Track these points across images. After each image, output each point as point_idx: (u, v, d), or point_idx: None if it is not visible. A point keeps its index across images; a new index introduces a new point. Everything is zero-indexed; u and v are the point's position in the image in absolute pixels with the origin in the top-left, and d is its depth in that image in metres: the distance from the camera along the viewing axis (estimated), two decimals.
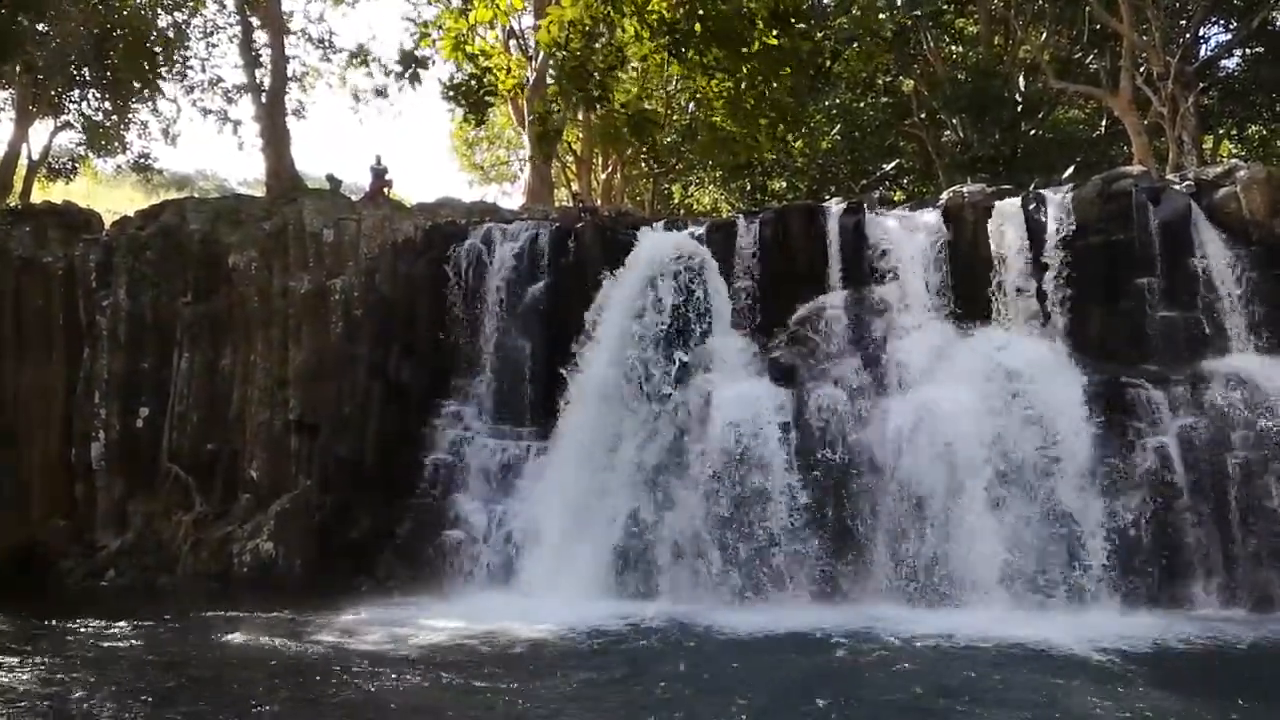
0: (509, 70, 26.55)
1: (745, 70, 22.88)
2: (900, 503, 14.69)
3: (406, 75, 19.28)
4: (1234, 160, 19.92)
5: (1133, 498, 14.29)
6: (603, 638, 12.85)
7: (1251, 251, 15.80)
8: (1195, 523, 14.17)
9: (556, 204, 29.73)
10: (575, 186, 36.97)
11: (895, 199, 21.53)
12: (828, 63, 31.00)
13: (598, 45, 22.62)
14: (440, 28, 25.55)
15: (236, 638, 12.98)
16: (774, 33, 21.46)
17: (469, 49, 22.40)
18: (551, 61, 26.04)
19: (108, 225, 21.44)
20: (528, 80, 27.70)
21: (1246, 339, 15.41)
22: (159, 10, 27.05)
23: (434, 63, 26.41)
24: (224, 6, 28.34)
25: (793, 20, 23.30)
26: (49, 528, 19.27)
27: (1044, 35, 31.34)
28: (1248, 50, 28.32)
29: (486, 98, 24.02)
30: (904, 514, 14.63)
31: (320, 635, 13.07)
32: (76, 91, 26.90)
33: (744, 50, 22.40)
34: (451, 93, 24.04)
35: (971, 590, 14.00)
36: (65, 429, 19.70)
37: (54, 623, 13.92)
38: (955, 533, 14.34)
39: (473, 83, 22.49)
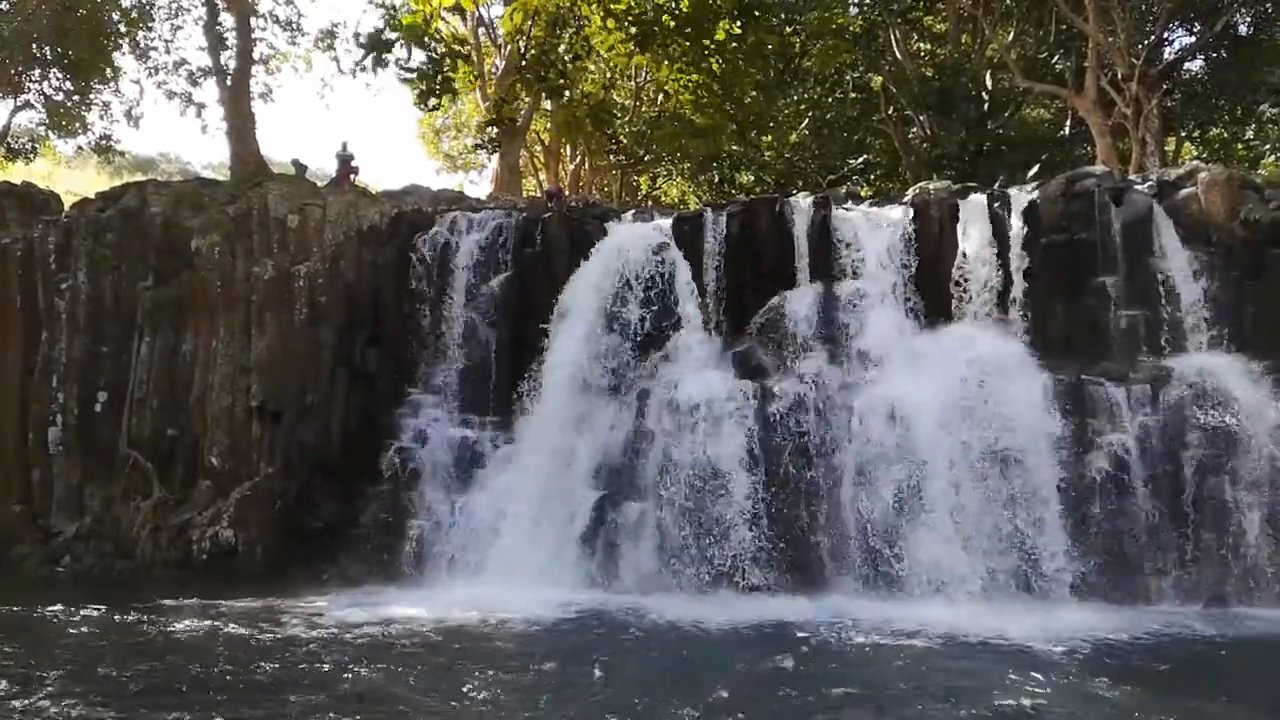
0: (469, 58, 26.43)
1: (711, 63, 22.97)
2: (862, 497, 14.79)
3: (369, 58, 19.21)
4: (1195, 162, 20.17)
5: (1091, 494, 14.45)
6: (565, 628, 12.87)
7: (1211, 252, 16.00)
8: (1152, 519, 14.36)
9: (524, 193, 29.70)
10: (543, 176, 36.89)
11: (862, 194, 21.59)
12: (797, 58, 31.17)
13: (563, 35, 22.65)
14: (408, 9, 25.45)
15: (195, 626, 12.86)
16: (739, 24, 21.54)
17: (429, 34, 22.31)
18: (514, 51, 26.05)
19: (67, 207, 21.16)
20: (496, 68, 27.64)
21: (1205, 339, 15.61)
22: None
23: (401, 46, 26.24)
24: None
25: (758, 14, 23.38)
26: (4, 513, 19.00)
27: (1011, 35, 31.60)
28: (1211, 54, 28.69)
29: (447, 84, 23.89)
30: (866, 508, 14.73)
31: (280, 624, 12.98)
32: (37, 70, 26.49)
33: (709, 43, 22.47)
34: (410, 76, 23.86)
35: (931, 584, 14.12)
36: (22, 413, 19.40)
37: (9, 609, 13.74)
38: (916, 527, 14.46)
39: (430, 69, 22.36)
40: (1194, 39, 28.45)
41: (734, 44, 23.86)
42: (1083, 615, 13.10)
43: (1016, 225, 16.51)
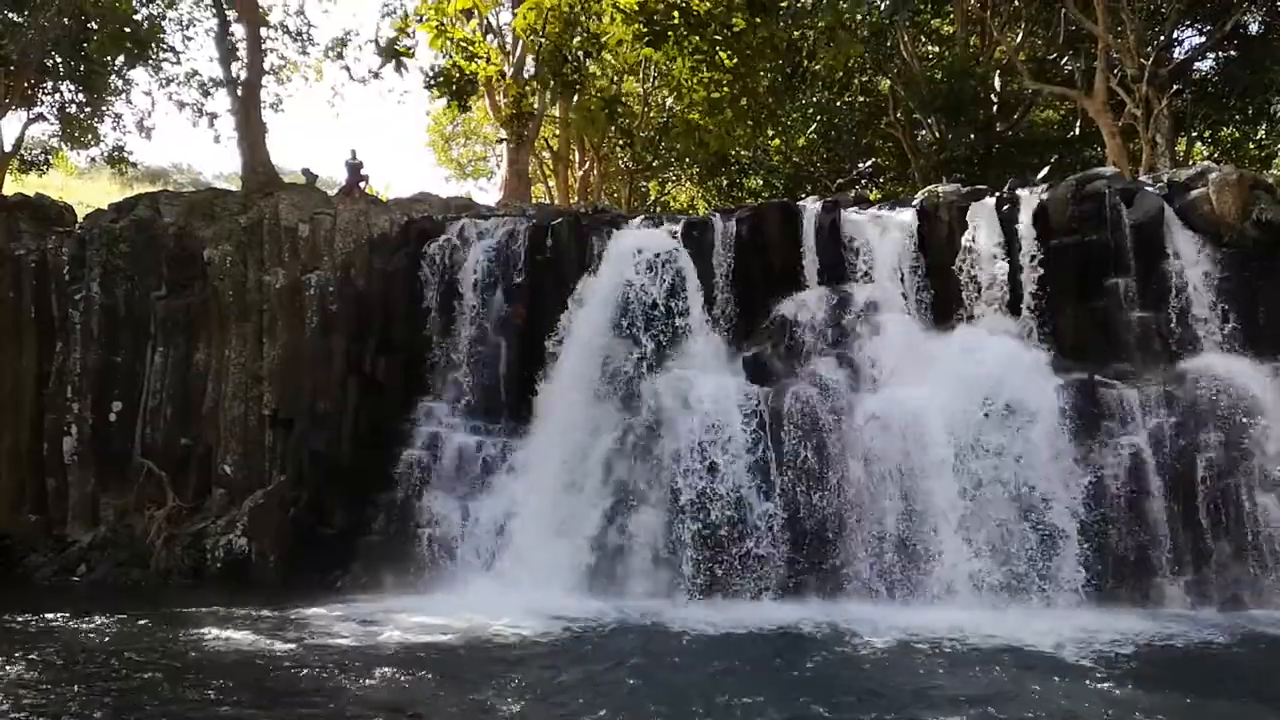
0: (489, 59, 26.60)
1: (724, 58, 22.95)
2: (872, 500, 14.77)
3: (390, 61, 19.36)
4: (1207, 162, 20.09)
5: (1104, 496, 14.39)
6: (577, 634, 12.86)
7: (1223, 253, 15.92)
8: (1166, 521, 14.28)
9: (533, 200, 29.75)
10: (552, 183, 36.99)
11: (871, 198, 21.56)
12: (805, 61, 31.17)
13: (575, 31, 22.71)
14: (420, 18, 25.62)
15: (209, 634, 12.90)
16: (754, 20, 21.53)
17: (452, 34, 22.47)
18: (529, 48, 26.18)
19: (81, 218, 21.28)
20: (505, 73, 27.72)
21: (1218, 339, 15.54)
22: (135, 2, 26.84)
23: (414, 54, 26.44)
24: None
25: (768, 12, 23.36)
26: (19, 522, 19.13)
27: (1020, 36, 31.55)
28: (1221, 53, 28.59)
29: (469, 84, 24.06)
30: (876, 511, 14.70)
31: (294, 631, 13.03)
32: (50, 83, 26.64)
33: (721, 38, 22.46)
34: (435, 80, 24.01)
35: (943, 588, 14.09)
36: (37, 423, 19.54)
37: (24, 618, 13.81)
38: (927, 530, 14.43)
39: (454, 70, 22.50)
40: (1204, 38, 28.36)
41: (748, 37, 23.90)
42: (1097, 618, 13.04)
43: (1026, 227, 16.44)
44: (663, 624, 13.32)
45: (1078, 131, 31.37)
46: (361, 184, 22.49)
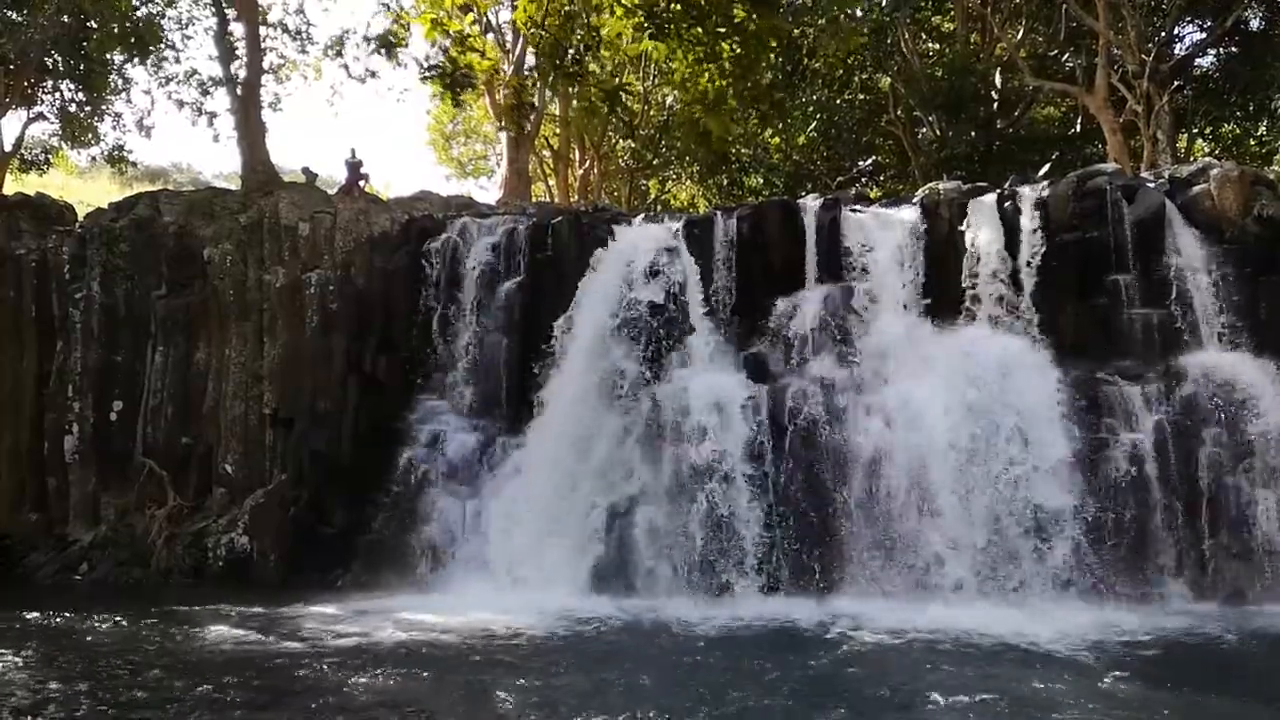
0: (483, 54, 26.62)
1: (726, 49, 22.89)
2: (873, 498, 14.76)
3: (381, 49, 19.38)
4: (1208, 159, 20.07)
5: (1106, 493, 14.38)
6: (578, 633, 12.85)
7: (1224, 249, 15.91)
8: (1168, 518, 14.28)
9: (533, 199, 29.75)
10: (552, 182, 36.99)
11: (872, 196, 21.53)
12: (805, 59, 31.12)
13: (576, 24, 22.69)
14: (418, 12, 25.66)
15: (210, 632, 12.91)
16: (751, 12, 21.45)
17: (449, 26, 22.49)
18: (529, 41, 26.20)
19: (81, 217, 21.28)
20: (503, 69, 27.74)
21: (1219, 336, 15.53)
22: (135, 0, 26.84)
23: (408, 44, 26.47)
24: None
25: (768, 3, 23.29)
26: (20, 521, 19.13)
27: (1020, 33, 31.54)
28: (1222, 49, 28.59)
29: (464, 78, 24.11)
30: (877, 509, 14.69)
31: (295, 629, 13.02)
32: (50, 82, 26.63)
33: (723, 29, 22.39)
34: (431, 72, 24.05)
35: (944, 585, 14.07)
36: (37, 422, 19.54)
37: (24, 616, 13.83)
38: (928, 527, 14.42)
39: (449, 64, 22.54)
40: (1205, 35, 28.36)
41: (750, 27, 23.86)
42: (1100, 615, 13.04)
43: (1027, 224, 16.43)
44: (664, 622, 13.32)
45: (1078, 128, 31.35)
46: (361, 183, 22.48)
